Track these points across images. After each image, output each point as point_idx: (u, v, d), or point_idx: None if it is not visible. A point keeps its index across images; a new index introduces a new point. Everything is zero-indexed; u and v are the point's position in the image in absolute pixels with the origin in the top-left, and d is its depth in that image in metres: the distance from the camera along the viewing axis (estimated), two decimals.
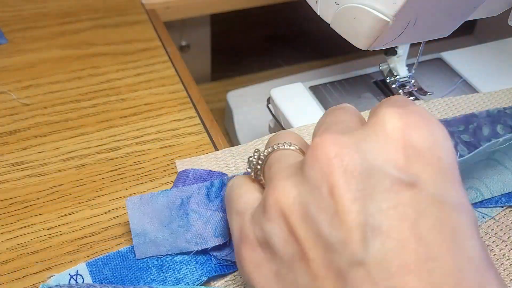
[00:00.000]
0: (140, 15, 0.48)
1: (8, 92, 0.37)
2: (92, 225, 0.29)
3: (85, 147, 0.34)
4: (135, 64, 0.42)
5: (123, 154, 0.34)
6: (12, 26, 0.44)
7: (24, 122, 0.35)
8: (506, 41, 0.45)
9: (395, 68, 0.36)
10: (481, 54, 0.44)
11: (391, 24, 0.27)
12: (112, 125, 0.36)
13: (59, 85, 0.39)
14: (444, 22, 0.31)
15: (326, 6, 0.31)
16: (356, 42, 0.30)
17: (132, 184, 0.32)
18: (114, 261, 0.27)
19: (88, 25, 0.45)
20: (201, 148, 0.35)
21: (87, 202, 0.31)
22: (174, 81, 0.41)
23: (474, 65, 0.42)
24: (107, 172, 0.33)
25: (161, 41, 0.45)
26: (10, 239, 0.28)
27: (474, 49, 0.45)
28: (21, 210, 0.30)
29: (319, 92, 0.39)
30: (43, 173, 0.32)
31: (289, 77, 0.53)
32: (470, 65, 0.42)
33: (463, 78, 0.41)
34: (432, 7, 0.28)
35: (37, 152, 0.33)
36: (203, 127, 0.37)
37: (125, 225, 0.30)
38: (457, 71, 0.42)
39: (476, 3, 0.30)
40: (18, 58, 0.41)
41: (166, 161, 0.34)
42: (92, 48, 0.43)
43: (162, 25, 0.47)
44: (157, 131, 0.36)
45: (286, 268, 0.19)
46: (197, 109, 0.38)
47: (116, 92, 0.39)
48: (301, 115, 0.35)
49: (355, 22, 0.29)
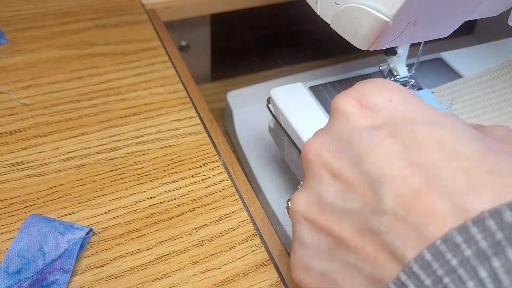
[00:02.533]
0: (140, 15, 0.48)
1: (8, 92, 0.37)
2: (92, 225, 0.29)
3: (85, 147, 0.34)
4: (135, 64, 0.42)
5: (123, 154, 0.34)
6: (12, 26, 0.44)
7: (24, 122, 0.35)
8: (506, 41, 0.45)
9: (395, 68, 0.36)
10: (481, 54, 0.44)
11: (391, 24, 0.27)
12: (112, 125, 0.36)
13: (59, 85, 0.39)
14: (444, 22, 0.31)
15: (326, 6, 0.31)
16: (356, 42, 0.30)
17: (132, 184, 0.32)
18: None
19: (88, 25, 0.45)
20: (201, 148, 0.35)
21: (87, 202, 0.31)
22: (174, 81, 0.41)
23: (474, 65, 0.42)
24: (107, 172, 0.33)
25: (161, 41, 0.45)
26: (10, 239, 0.28)
27: (474, 49, 0.45)
28: (21, 210, 0.30)
29: (319, 92, 0.39)
30: (43, 173, 0.32)
31: (289, 77, 0.53)
32: (470, 65, 0.42)
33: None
34: (432, 7, 0.28)
35: (37, 152, 0.33)
36: (203, 127, 0.37)
37: (125, 225, 0.30)
38: (457, 71, 0.42)
39: (476, 3, 0.30)
40: (18, 58, 0.41)
41: (166, 161, 0.34)
42: (92, 48, 0.43)
43: (162, 25, 0.47)
44: (157, 131, 0.36)
45: (329, 254, 0.21)
46: (197, 109, 0.38)
47: (116, 92, 0.39)
48: (301, 115, 0.35)
49: (355, 22, 0.29)
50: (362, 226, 0.19)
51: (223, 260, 0.29)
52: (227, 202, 0.32)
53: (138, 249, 0.29)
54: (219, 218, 0.31)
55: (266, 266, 0.29)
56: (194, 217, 0.31)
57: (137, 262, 0.28)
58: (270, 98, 0.37)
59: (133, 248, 0.29)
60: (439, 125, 0.19)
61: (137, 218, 0.30)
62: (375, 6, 0.28)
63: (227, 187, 0.33)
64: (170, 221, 0.30)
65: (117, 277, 0.27)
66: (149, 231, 0.30)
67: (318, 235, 0.21)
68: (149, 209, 0.31)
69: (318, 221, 0.21)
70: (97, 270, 0.27)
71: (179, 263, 0.28)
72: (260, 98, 0.42)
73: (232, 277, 0.28)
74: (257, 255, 0.29)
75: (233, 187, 0.33)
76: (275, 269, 0.29)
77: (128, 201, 0.31)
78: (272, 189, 0.45)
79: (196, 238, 0.30)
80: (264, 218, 0.31)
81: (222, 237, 0.30)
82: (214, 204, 0.32)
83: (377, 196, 0.18)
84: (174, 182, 0.33)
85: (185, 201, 0.32)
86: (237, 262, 0.29)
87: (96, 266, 0.28)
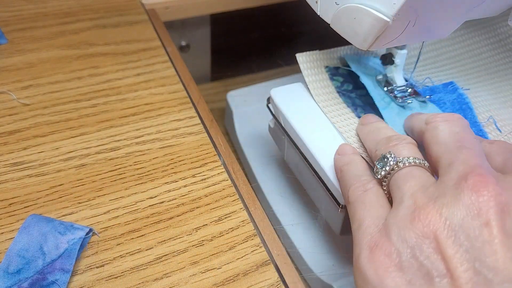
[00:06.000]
0: (140, 15, 0.48)
1: (8, 92, 0.37)
2: (92, 225, 0.29)
3: (85, 147, 0.34)
4: (135, 64, 0.42)
5: (123, 154, 0.34)
6: (12, 26, 0.44)
7: (24, 122, 0.35)
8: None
9: (392, 78, 0.36)
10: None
11: (391, 24, 0.27)
12: (112, 125, 0.36)
13: (59, 85, 0.39)
14: (444, 22, 0.31)
15: (326, 6, 0.31)
16: (356, 42, 0.30)
17: (132, 184, 0.32)
18: None
19: (88, 25, 0.45)
20: (201, 148, 0.35)
21: (87, 202, 0.31)
22: (174, 81, 0.41)
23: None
24: (107, 172, 0.33)
25: (161, 41, 0.45)
26: (10, 239, 0.28)
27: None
28: (21, 210, 0.30)
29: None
30: (43, 173, 0.32)
31: (289, 77, 0.53)
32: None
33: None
34: (432, 7, 0.28)
35: (37, 152, 0.33)
36: (203, 127, 0.37)
37: (125, 225, 0.30)
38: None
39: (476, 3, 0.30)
40: (18, 58, 0.41)
41: (166, 161, 0.34)
42: (92, 48, 0.43)
43: (162, 25, 0.47)
44: (157, 131, 0.36)
45: (422, 279, 0.21)
46: (197, 109, 0.38)
47: (116, 92, 0.39)
48: (301, 115, 0.35)
49: (355, 22, 0.29)
50: (483, 284, 0.20)
51: (223, 260, 0.29)
52: (227, 202, 0.32)
53: (138, 249, 0.29)
54: (219, 218, 0.31)
55: (266, 266, 0.29)
56: (194, 217, 0.31)
57: (137, 262, 0.28)
58: (270, 98, 0.37)
59: (133, 248, 0.29)
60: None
61: (137, 218, 0.30)
62: (375, 6, 0.28)
63: (227, 187, 0.33)
64: (170, 221, 0.30)
65: (117, 277, 0.27)
66: (149, 231, 0.30)
67: (430, 257, 0.22)
68: (149, 209, 0.31)
69: (446, 248, 0.21)
70: (97, 270, 0.27)
71: (179, 263, 0.28)
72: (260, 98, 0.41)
73: (232, 277, 0.28)
74: (257, 255, 0.29)
75: (233, 187, 0.33)
76: (275, 269, 0.29)
77: (128, 201, 0.31)
78: (272, 189, 0.45)
79: (196, 238, 0.30)
80: (264, 218, 0.31)
81: (222, 237, 0.30)
82: (214, 204, 0.32)
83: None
84: (174, 182, 0.33)
85: (185, 201, 0.32)
86: (237, 262, 0.29)
87: (96, 266, 0.28)
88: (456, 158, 0.24)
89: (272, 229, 0.31)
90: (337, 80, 0.37)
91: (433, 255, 0.21)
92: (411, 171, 0.25)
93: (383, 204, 0.26)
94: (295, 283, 0.28)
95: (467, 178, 0.22)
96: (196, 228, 0.30)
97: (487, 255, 0.20)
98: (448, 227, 0.21)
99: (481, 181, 0.22)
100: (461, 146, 0.25)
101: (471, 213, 0.21)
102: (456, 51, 0.42)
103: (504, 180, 0.23)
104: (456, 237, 0.21)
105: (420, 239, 0.22)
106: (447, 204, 0.22)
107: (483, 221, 0.21)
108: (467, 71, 0.41)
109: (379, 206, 0.26)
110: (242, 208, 0.32)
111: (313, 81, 0.36)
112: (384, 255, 0.23)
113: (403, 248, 0.22)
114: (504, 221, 0.21)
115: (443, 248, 0.21)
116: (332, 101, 0.36)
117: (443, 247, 0.21)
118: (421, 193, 0.23)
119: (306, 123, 0.34)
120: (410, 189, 0.24)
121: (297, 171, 0.37)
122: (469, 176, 0.22)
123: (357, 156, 0.30)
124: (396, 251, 0.22)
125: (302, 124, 0.34)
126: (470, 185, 0.22)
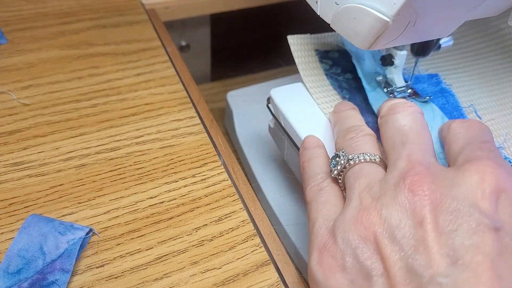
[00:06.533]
0: (140, 15, 0.48)
1: (8, 92, 0.37)
2: (92, 225, 0.29)
3: (85, 147, 0.34)
4: (135, 64, 0.42)
5: (123, 154, 0.34)
6: (12, 26, 0.44)
7: (24, 122, 0.35)
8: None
9: (392, 79, 0.36)
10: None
11: (391, 24, 0.27)
12: (112, 125, 0.36)
13: (59, 85, 0.39)
14: (444, 22, 0.31)
15: (326, 6, 0.31)
16: (356, 42, 0.30)
17: (132, 184, 0.32)
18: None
19: (88, 25, 0.45)
20: (201, 148, 0.35)
21: (87, 202, 0.31)
22: (174, 81, 0.41)
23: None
24: (107, 172, 0.33)
25: (161, 41, 0.45)
26: (10, 239, 0.28)
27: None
28: (21, 210, 0.30)
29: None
30: (43, 173, 0.32)
31: (289, 77, 0.53)
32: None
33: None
34: (432, 7, 0.28)
35: (37, 152, 0.33)
36: (203, 127, 0.37)
37: (125, 225, 0.30)
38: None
39: (476, 3, 0.30)
40: (18, 58, 0.41)
41: (166, 161, 0.34)
42: (92, 48, 0.43)
43: (162, 25, 0.47)
44: (157, 131, 0.36)
45: (362, 279, 0.22)
46: (197, 109, 0.38)
47: (116, 92, 0.39)
48: (301, 115, 0.35)
49: (355, 22, 0.29)
50: (414, 281, 0.20)
51: (223, 260, 0.29)
52: (227, 202, 0.32)
53: (138, 249, 0.29)
54: (219, 218, 0.31)
55: (266, 266, 0.29)
56: (194, 217, 0.31)
57: (137, 262, 0.28)
58: (270, 98, 0.37)
59: (133, 248, 0.29)
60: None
61: (137, 218, 0.30)
62: (375, 6, 0.28)
63: (227, 187, 0.33)
64: (170, 221, 0.30)
65: (117, 277, 0.27)
66: (149, 231, 0.30)
67: (370, 257, 0.22)
68: (149, 209, 0.31)
69: (383, 248, 0.22)
70: (97, 270, 0.27)
71: (179, 263, 0.28)
72: (260, 98, 0.41)
73: (232, 277, 0.28)
74: (257, 255, 0.29)
75: (233, 187, 0.33)
76: (275, 269, 0.29)
77: (128, 201, 0.31)
78: (272, 189, 0.45)
79: (196, 238, 0.30)
80: (264, 218, 0.31)
81: (222, 237, 0.30)
82: (214, 204, 0.32)
83: (445, 270, 0.20)
84: (174, 182, 0.33)
85: (185, 201, 0.32)
86: (237, 262, 0.29)
87: (96, 266, 0.28)
88: (399, 155, 0.25)
89: (272, 229, 0.31)
90: (326, 63, 0.38)
91: (374, 256, 0.22)
92: (362, 169, 0.26)
93: (336, 203, 0.26)
94: (295, 283, 0.28)
95: (405, 178, 0.23)
96: (196, 228, 0.30)
97: (420, 252, 0.21)
98: (386, 228, 0.22)
99: (417, 180, 0.22)
100: (405, 141, 0.25)
101: (407, 213, 0.22)
102: (456, 51, 0.42)
103: (443, 176, 0.23)
104: (393, 237, 0.22)
105: (362, 241, 0.22)
106: (386, 204, 0.23)
107: (417, 220, 0.21)
108: (461, 68, 0.41)
109: (332, 205, 0.26)
110: (242, 208, 0.32)
111: (302, 62, 0.37)
112: (331, 257, 0.23)
113: (347, 250, 0.23)
114: (437, 218, 0.21)
115: (381, 249, 0.22)
116: (319, 83, 0.37)
117: (381, 247, 0.22)
118: (366, 192, 0.24)
119: (306, 123, 0.34)
120: (358, 188, 0.25)
121: (297, 171, 0.37)
122: (407, 175, 0.23)
123: (319, 150, 0.30)
124: (341, 252, 0.23)
125: (302, 124, 0.34)
126: (407, 184, 0.23)
